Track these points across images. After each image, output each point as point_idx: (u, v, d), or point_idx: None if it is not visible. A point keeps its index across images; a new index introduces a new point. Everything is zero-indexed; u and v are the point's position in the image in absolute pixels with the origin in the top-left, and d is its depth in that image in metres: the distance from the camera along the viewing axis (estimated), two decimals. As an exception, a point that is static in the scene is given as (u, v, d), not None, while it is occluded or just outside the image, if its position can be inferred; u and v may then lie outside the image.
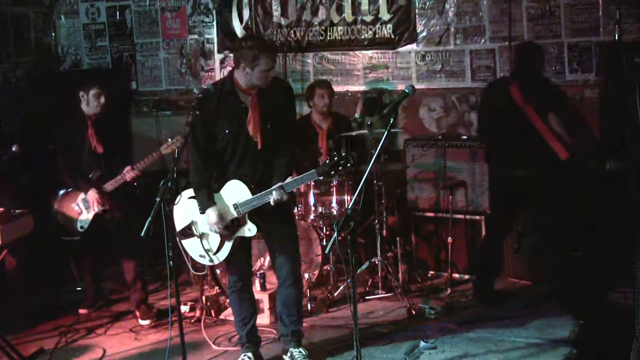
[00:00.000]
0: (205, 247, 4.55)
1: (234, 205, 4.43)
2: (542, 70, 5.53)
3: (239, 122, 4.41)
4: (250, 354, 4.71)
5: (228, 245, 4.51)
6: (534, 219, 5.64)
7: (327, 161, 4.30)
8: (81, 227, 5.63)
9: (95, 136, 5.55)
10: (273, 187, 4.32)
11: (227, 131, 4.40)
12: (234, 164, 4.47)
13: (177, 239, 4.63)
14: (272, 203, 4.33)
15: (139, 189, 5.95)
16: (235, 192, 4.44)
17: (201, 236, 4.54)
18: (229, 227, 4.44)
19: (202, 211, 4.46)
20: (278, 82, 4.59)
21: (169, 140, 5.52)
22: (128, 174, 5.52)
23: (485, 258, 5.69)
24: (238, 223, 4.46)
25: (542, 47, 5.75)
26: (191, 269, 5.16)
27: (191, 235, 4.58)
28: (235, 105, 4.42)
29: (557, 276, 5.53)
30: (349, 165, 4.25)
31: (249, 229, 4.46)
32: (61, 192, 5.70)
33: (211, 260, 4.59)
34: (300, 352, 4.70)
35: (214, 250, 4.53)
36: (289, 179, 4.35)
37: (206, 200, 4.44)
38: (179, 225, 4.63)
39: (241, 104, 4.42)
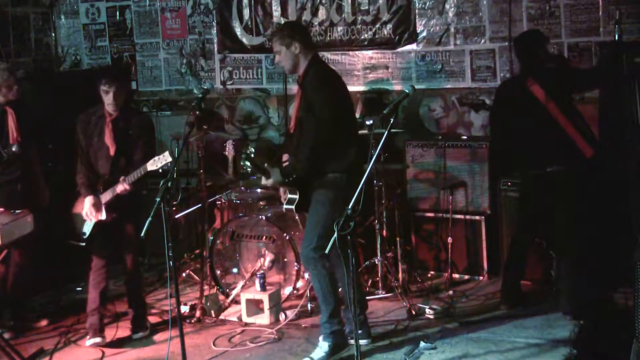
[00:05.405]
0: None
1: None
2: (546, 52, 5.39)
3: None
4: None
5: None
6: (551, 218, 5.47)
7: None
8: (84, 233, 5.31)
9: (112, 136, 5.15)
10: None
11: None
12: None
13: None
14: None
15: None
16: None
17: None
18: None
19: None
20: (314, 76, 4.73)
21: (157, 156, 4.97)
22: (119, 185, 5.07)
23: (513, 259, 5.56)
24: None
25: (538, 31, 5.79)
26: None
27: None
28: None
29: (559, 276, 5.53)
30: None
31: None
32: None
33: None
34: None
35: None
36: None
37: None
38: None
39: None
